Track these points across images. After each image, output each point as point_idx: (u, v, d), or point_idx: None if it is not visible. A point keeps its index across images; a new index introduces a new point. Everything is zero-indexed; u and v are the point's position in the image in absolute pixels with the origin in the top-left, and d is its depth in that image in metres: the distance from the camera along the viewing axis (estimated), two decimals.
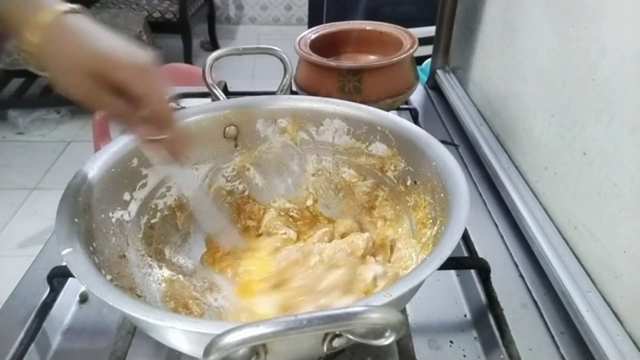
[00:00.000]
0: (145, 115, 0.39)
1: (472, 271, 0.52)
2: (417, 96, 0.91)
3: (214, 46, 3.23)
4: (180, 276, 0.49)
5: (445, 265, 0.35)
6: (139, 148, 0.49)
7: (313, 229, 0.56)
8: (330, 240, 0.52)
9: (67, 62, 0.37)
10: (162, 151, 0.43)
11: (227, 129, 0.56)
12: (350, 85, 0.71)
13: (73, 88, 0.37)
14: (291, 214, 0.58)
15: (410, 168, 0.51)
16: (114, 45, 0.37)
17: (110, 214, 0.45)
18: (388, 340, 0.29)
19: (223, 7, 3.54)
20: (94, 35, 0.37)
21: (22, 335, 0.45)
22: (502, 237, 0.58)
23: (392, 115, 0.54)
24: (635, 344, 0.40)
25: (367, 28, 0.83)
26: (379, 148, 0.54)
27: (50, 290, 0.49)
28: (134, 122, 0.40)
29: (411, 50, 0.73)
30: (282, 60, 0.70)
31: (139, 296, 0.42)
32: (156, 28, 2.67)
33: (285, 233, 0.54)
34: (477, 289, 0.51)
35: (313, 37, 0.79)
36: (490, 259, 0.50)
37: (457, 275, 0.53)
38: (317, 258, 0.48)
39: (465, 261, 0.53)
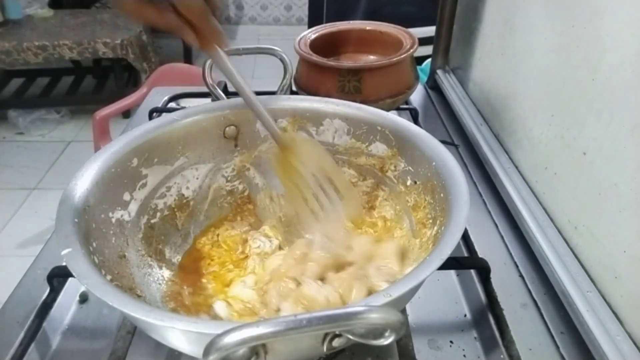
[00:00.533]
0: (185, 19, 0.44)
1: (472, 271, 0.52)
2: (417, 96, 0.91)
3: None
4: None
5: (445, 265, 0.34)
6: (139, 148, 0.49)
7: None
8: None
9: None
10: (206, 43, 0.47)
11: (227, 129, 0.56)
12: (350, 85, 0.72)
13: (121, 4, 0.42)
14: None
15: (410, 168, 0.51)
16: None
17: (110, 214, 0.45)
18: (388, 340, 0.29)
19: (223, 7, 3.54)
20: None
21: (22, 335, 0.45)
22: (502, 237, 0.58)
23: (392, 115, 0.54)
24: (635, 344, 0.40)
25: (367, 28, 0.83)
26: (379, 148, 0.54)
27: (50, 290, 0.49)
28: (183, 31, 0.45)
29: (411, 50, 0.73)
30: (282, 60, 0.70)
31: (139, 296, 0.43)
32: (156, 28, 2.66)
33: (258, 247, 0.51)
34: (477, 289, 0.51)
35: (313, 37, 0.79)
36: (490, 259, 0.50)
37: (457, 275, 0.53)
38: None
39: (465, 261, 0.53)
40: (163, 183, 0.52)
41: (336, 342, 0.30)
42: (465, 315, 0.48)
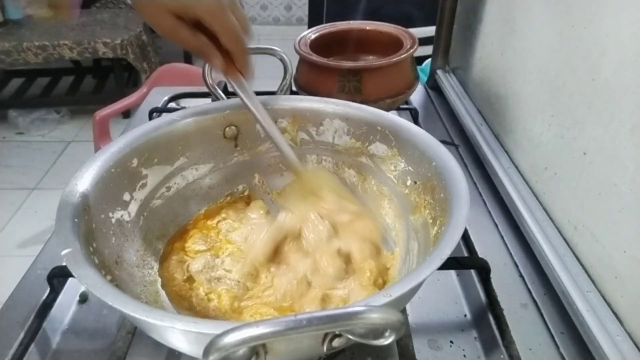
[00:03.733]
0: (223, 49, 0.47)
1: (472, 271, 0.52)
2: (417, 96, 0.91)
3: None
4: None
5: (445, 265, 0.35)
6: (139, 148, 0.49)
7: None
8: None
9: (152, 1, 0.44)
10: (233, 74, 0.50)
11: (227, 129, 0.56)
12: (350, 85, 0.71)
13: (157, 23, 0.45)
14: None
15: (410, 168, 0.51)
16: None
17: (110, 214, 0.45)
18: (388, 340, 0.29)
19: None
20: None
21: (22, 335, 0.45)
22: (502, 237, 0.58)
23: (392, 115, 0.54)
24: (635, 344, 0.40)
25: (367, 28, 0.83)
26: (379, 148, 0.54)
27: (50, 290, 0.49)
28: (212, 55, 0.47)
29: (411, 50, 0.73)
30: (282, 60, 0.70)
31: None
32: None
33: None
34: (477, 289, 0.51)
35: (313, 37, 0.79)
36: (490, 259, 0.50)
37: (457, 275, 0.53)
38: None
39: (465, 261, 0.52)
40: (163, 183, 0.52)
41: (336, 342, 0.30)
42: (465, 315, 0.48)
